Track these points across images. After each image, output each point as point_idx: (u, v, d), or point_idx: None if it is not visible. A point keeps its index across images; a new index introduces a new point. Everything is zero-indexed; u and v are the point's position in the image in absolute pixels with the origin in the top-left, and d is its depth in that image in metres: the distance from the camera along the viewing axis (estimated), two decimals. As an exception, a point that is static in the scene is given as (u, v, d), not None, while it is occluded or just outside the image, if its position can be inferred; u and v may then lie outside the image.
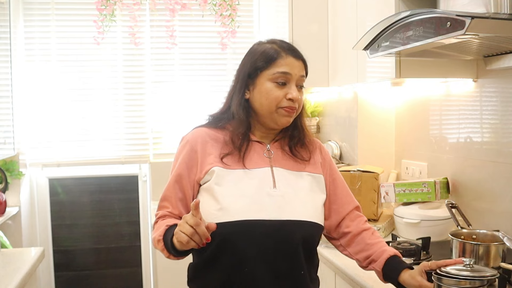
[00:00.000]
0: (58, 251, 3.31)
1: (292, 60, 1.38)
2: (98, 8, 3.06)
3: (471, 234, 1.75)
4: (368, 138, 2.67)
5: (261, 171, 1.36)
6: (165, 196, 1.39)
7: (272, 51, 1.38)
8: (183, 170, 1.37)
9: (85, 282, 3.36)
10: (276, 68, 1.36)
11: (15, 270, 1.80)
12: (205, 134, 1.41)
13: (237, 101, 1.41)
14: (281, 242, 1.29)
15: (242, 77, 1.41)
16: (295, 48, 1.42)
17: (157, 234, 1.30)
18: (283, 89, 1.36)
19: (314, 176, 1.43)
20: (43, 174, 3.23)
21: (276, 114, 1.37)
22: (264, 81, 1.37)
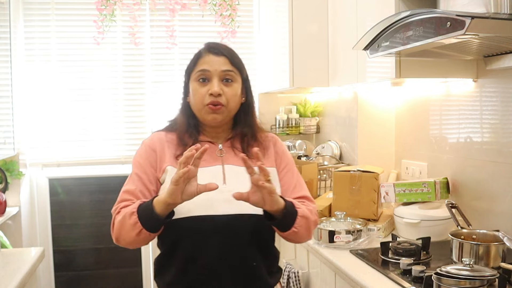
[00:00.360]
0: (58, 251, 3.31)
1: (212, 57, 1.44)
2: (98, 8, 3.06)
3: (471, 234, 1.75)
4: (368, 138, 2.67)
5: (212, 169, 1.40)
6: (126, 190, 1.43)
7: (196, 53, 1.48)
8: (144, 167, 1.44)
9: (85, 282, 3.36)
10: (198, 67, 1.45)
11: (15, 270, 1.80)
12: (162, 137, 1.49)
13: (180, 106, 1.52)
14: (231, 235, 1.36)
15: (184, 83, 1.53)
16: (221, 45, 1.48)
17: (129, 209, 1.34)
18: (206, 85, 1.43)
19: None
20: (43, 174, 3.23)
21: (203, 112, 1.44)
22: (192, 82, 1.47)
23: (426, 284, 1.43)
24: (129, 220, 1.32)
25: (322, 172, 2.76)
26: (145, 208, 1.31)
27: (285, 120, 3.31)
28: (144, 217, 1.30)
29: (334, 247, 1.94)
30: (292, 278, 2.19)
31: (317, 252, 1.98)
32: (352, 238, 1.95)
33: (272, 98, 3.37)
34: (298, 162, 2.57)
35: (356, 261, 1.80)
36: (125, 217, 1.33)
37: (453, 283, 1.31)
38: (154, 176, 1.44)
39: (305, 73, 2.76)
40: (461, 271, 1.34)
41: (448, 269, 1.36)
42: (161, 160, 1.44)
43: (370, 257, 1.82)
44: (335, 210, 2.14)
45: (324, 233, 1.97)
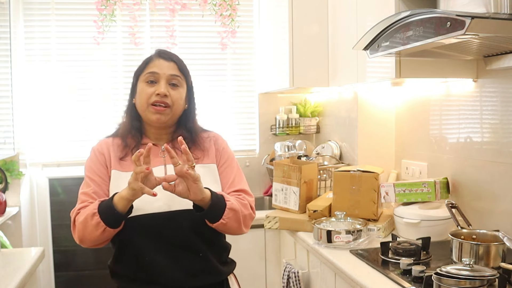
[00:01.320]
0: (58, 251, 3.31)
1: (161, 62, 1.54)
2: (98, 8, 3.07)
3: (471, 234, 1.75)
4: (368, 138, 2.67)
5: (156, 169, 1.43)
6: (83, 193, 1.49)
7: (147, 58, 1.57)
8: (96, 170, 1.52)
9: (85, 282, 3.36)
10: (146, 69, 1.54)
11: (15, 270, 1.80)
12: (109, 142, 1.57)
13: (126, 108, 1.59)
14: (174, 231, 1.45)
15: (132, 85, 1.59)
16: (170, 52, 1.59)
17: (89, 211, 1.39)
18: (153, 86, 1.51)
19: (206, 167, 1.56)
20: (43, 174, 3.23)
21: (147, 111, 1.51)
22: (140, 83, 1.54)
23: (426, 284, 1.43)
24: (91, 221, 1.38)
25: (322, 172, 2.76)
26: (106, 206, 1.38)
27: (285, 120, 3.31)
28: (106, 215, 1.37)
29: (334, 247, 1.94)
30: (292, 278, 2.19)
31: (317, 252, 1.98)
32: (352, 238, 1.95)
33: (272, 98, 3.37)
34: (298, 162, 2.57)
35: (356, 261, 1.80)
36: (87, 218, 1.39)
37: (453, 283, 1.31)
38: (107, 176, 1.52)
39: (305, 73, 2.76)
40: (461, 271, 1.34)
41: (448, 269, 1.36)
42: (108, 163, 1.53)
43: (370, 257, 1.82)
44: (335, 210, 2.14)
45: (324, 233, 1.97)
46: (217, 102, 3.37)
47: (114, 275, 1.56)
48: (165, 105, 1.50)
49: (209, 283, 1.51)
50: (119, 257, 1.51)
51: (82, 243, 1.45)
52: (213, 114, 3.35)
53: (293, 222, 2.27)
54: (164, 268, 1.45)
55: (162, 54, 1.56)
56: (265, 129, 3.40)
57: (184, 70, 1.57)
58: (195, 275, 1.48)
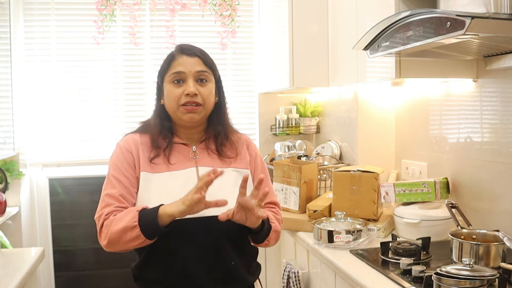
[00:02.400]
0: (58, 251, 3.31)
1: (186, 59, 1.46)
2: (98, 8, 3.06)
3: (471, 234, 1.75)
4: (368, 138, 2.67)
5: (186, 171, 1.44)
6: (108, 194, 1.42)
7: (169, 55, 1.49)
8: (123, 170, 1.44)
9: (85, 282, 3.36)
10: (172, 69, 1.46)
11: (15, 270, 1.80)
12: (137, 140, 1.49)
13: (154, 108, 1.53)
14: (207, 237, 1.41)
15: (157, 86, 1.53)
16: (193, 47, 1.50)
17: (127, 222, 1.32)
18: (181, 86, 1.45)
19: (239, 172, 1.51)
20: (43, 174, 3.23)
21: (179, 112, 1.46)
22: (166, 84, 1.47)
23: (426, 284, 1.43)
24: (130, 232, 1.33)
25: (322, 172, 2.76)
26: (149, 221, 1.32)
27: (285, 120, 3.31)
28: (148, 229, 1.32)
29: (334, 247, 1.94)
30: (292, 278, 2.19)
31: (317, 252, 1.98)
32: (352, 238, 1.95)
33: (272, 98, 3.37)
34: (298, 162, 2.57)
35: (356, 261, 1.80)
36: (126, 230, 1.33)
37: (453, 283, 1.31)
38: (134, 177, 1.45)
39: (305, 73, 2.76)
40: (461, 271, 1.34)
41: (448, 269, 1.36)
42: (137, 162, 1.45)
43: (370, 257, 1.82)
44: (335, 210, 2.14)
45: (324, 233, 1.97)
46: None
47: (138, 279, 1.50)
48: (196, 104, 1.44)
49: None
50: (148, 262, 1.45)
51: (109, 249, 1.42)
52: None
53: (293, 222, 2.27)
54: (194, 275, 1.41)
55: (185, 50, 1.48)
56: (265, 129, 3.40)
57: (210, 64, 1.50)
58: (225, 283, 1.44)
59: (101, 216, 1.40)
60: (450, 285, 1.31)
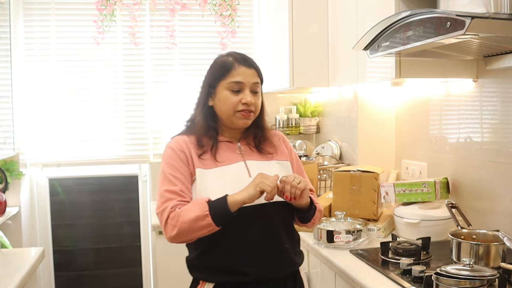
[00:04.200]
0: (58, 251, 3.31)
1: (244, 70, 1.57)
2: (98, 8, 3.06)
3: (471, 234, 1.75)
4: (368, 138, 2.67)
5: (236, 165, 1.56)
6: (168, 190, 1.51)
7: (227, 62, 1.58)
8: (178, 168, 1.54)
9: (85, 282, 3.36)
10: (230, 78, 1.55)
11: (15, 270, 1.80)
12: (186, 140, 1.59)
13: (200, 109, 1.62)
14: (264, 222, 1.51)
15: (205, 87, 1.61)
16: (248, 58, 1.61)
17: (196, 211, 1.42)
18: (238, 95, 1.55)
19: (281, 163, 1.64)
20: (43, 174, 3.23)
21: (234, 118, 1.57)
22: (222, 89, 1.56)
23: (426, 284, 1.43)
24: (202, 221, 1.41)
25: (322, 172, 2.76)
26: (220, 209, 1.42)
27: (285, 120, 3.31)
28: (219, 217, 1.42)
29: (334, 247, 1.94)
30: (292, 278, 2.18)
31: (317, 252, 1.99)
32: (352, 238, 1.95)
33: (272, 98, 3.37)
34: (298, 162, 2.57)
35: (356, 261, 1.80)
36: (197, 219, 1.41)
37: (453, 283, 1.31)
38: (189, 174, 1.54)
39: (305, 73, 2.76)
40: (461, 271, 1.34)
41: (448, 269, 1.36)
42: (191, 161, 1.55)
43: (370, 257, 1.82)
44: (335, 210, 2.14)
45: (324, 233, 1.97)
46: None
47: (196, 268, 1.58)
48: (250, 111, 1.56)
49: (288, 273, 1.56)
50: (210, 250, 1.51)
51: (176, 240, 1.48)
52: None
53: (293, 222, 2.26)
54: (252, 260, 1.49)
55: (243, 61, 1.59)
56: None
57: (261, 76, 1.63)
58: (279, 266, 1.52)
59: (165, 210, 1.48)
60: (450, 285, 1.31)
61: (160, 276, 2.69)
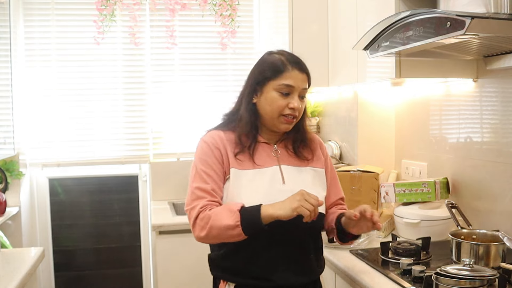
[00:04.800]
0: (58, 251, 3.31)
1: (297, 73, 1.50)
2: (98, 8, 3.06)
3: (471, 234, 1.75)
4: (368, 138, 2.67)
5: (271, 169, 1.52)
6: (199, 188, 1.47)
7: (280, 63, 1.51)
8: (212, 165, 1.49)
9: (85, 282, 3.36)
10: (282, 80, 1.49)
11: (15, 270, 1.80)
12: (222, 136, 1.53)
13: (245, 105, 1.54)
14: (292, 231, 1.46)
15: (252, 83, 1.54)
16: (301, 61, 1.55)
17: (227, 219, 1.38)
18: (286, 99, 1.49)
19: (316, 170, 1.59)
20: (43, 174, 3.23)
21: (277, 121, 1.51)
22: (270, 90, 1.50)
23: (426, 284, 1.43)
24: (232, 231, 1.38)
25: (322, 172, 2.76)
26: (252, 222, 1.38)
27: (285, 120, 3.30)
28: (250, 229, 1.38)
29: (334, 247, 1.94)
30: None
31: (317, 252, 1.98)
32: (352, 238, 1.95)
33: (272, 98, 3.36)
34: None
35: (356, 261, 1.80)
36: (228, 228, 1.38)
37: (453, 283, 1.31)
38: (222, 172, 1.50)
39: (305, 73, 2.75)
40: (461, 271, 1.34)
41: (448, 269, 1.36)
42: (225, 158, 1.50)
43: (370, 257, 1.82)
44: (335, 210, 2.14)
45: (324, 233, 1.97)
46: (217, 102, 3.37)
47: (218, 267, 1.55)
48: (294, 116, 1.52)
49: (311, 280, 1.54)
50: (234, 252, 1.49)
51: (203, 241, 1.46)
52: (213, 114, 3.35)
53: (293, 222, 2.26)
54: (277, 266, 1.47)
55: (297, 64, 1.53)
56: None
57: (310, 81, 1.57)
58: (303, 273, 1.51)
59: (194, 208, 1.44)
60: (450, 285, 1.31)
61: (160, 276, 2.69)
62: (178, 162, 3.30)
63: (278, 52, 1.56)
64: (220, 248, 1.52)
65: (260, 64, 1.56)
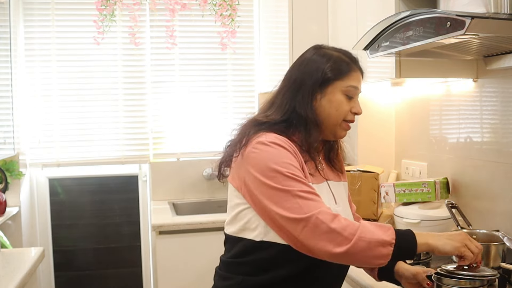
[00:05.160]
0: (58, 251, 3.31)
1: (359, 76, 1.37)
2: (98, 8, 3.06)
3: (471, 234, 1.74)
4: (368, 138, 2.67)
5: (324, 186, 1.35)
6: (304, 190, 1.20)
7: (344, 62, 1.34)
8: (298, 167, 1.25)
9: (85, 282, 3.36)
10: (349, 81, 1.33)
11: (15, 270, 1.80)
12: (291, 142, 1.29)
13: (308, 107, 1.31)
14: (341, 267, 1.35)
15: (311, 83, 1.32)
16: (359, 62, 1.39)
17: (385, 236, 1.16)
18: (350, 102, 1.35)
19: (345, 185, 1.48)
20: (43, 174, 3.23)
21: (338, 127, 1.35)
22: (337, 91, 1.32)
23: (426, 284, 1.42)
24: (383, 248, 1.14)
25: (322, 172, 2.76)
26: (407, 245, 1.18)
27: (285, 120, 3.30)
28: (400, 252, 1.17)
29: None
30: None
31: (317, 252, 1.98)
32: (352, 238, 1.95)
33: (272, 98, 3.36)
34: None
35: (356, 261, 1.80)
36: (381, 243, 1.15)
37: (453, 283, 1.31)
38: None
39: (305, 73, 2.75)
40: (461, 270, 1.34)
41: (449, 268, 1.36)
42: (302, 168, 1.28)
43: (370, 257, 1.82)
44: (335, 210, 2.14)
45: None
46: (217, 102, 3.37)
47: None
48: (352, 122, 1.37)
49: None
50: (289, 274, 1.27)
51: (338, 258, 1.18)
52: (213, 114, 3.35)
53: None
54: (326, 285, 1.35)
55: (358, 64, 1.37)
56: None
57: None
58: None
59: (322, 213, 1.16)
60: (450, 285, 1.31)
61: (160, 276, 2.69)
62: (178, 162, 3.30)
63: (331, 49, 1.38)
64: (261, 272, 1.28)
65: (316, 62, 1.34)
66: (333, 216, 1.16)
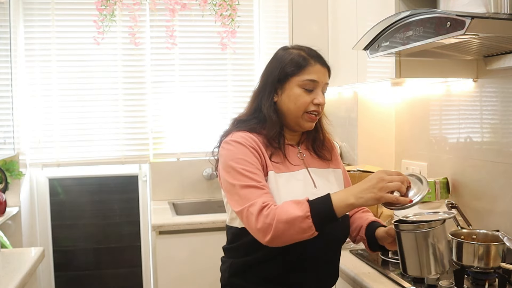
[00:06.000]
0: (58, 251, 3.31)
1: (319, 68, 1.45)
2: (98, 8, 3.06)
3: (471, 234, 1.75)
4: (368, 138, 2.67)
5: (301, 173, 1.45)
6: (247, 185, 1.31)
7: (301, 58, 1.44)
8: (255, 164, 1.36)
9: (85, 282, 3.36)
10: (305, 75, 1.43)
11: (15, 270, 1.80)
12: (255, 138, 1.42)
13: (267, 104, 1.45)
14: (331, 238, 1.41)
15: (271, 81, 1.46)
16: (322, 55, 1.49)
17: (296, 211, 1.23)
18: (310, 95, 1.44)
19: (335, 171, 1.55)
20: (43, 174, 3.23)
21: (301, 119, 1.44)
22: (293, 86, 1.43)
23: (426, 284, 1.42)
24: (300, 223, 1.23)
25: (322, 172, 2.76)
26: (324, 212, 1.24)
27: (285, 120, 3.30)
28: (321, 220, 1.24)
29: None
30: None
31: (317, 252, 1.98)
32: (352, 238, 1.95)
33: (272, 98, 3.37)
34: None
35: (356, 261, 1.80)
36: (296, 220, 1.23)
37: (412, 227, 1.36)
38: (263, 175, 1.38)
39: (305, 73, 2.75)
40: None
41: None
42: (264, 162, 1.39)
43: (370, 257, 1.82)
44: (335, 210, 2.13)
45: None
46: (217, 102, 3.37)
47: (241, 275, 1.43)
48: (318, 113, 1.46)
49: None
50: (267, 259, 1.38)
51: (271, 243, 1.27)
52: (213, 114, 3.35)
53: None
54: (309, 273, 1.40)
55: (319, 58, 1.46)
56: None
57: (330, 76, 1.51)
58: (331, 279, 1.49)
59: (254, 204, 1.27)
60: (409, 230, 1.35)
61: (160, 276, 2.69)
62: (178, 162, 3.30)
63: (295, 47, 1.48)
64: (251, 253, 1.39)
65: (277, 60, 1.47)
66: (260, 207, 1.26)
